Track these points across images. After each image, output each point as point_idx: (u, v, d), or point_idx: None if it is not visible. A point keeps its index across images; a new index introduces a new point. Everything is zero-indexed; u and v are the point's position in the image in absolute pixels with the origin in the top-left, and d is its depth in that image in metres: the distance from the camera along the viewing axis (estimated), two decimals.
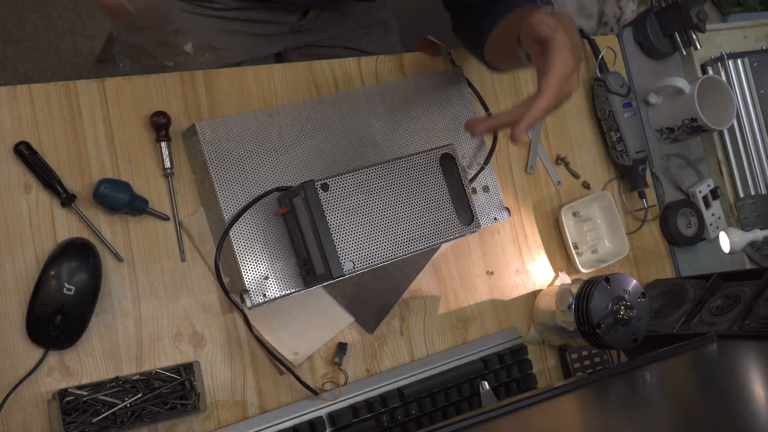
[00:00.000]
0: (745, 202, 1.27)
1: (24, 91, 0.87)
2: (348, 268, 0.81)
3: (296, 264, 0.88)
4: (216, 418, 0.89)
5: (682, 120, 1.19)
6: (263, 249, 0.87)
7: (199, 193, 0.91)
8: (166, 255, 0.89)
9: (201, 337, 0.90)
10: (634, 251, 1.18)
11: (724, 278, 1.09)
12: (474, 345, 1.02)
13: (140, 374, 0.84)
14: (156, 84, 0.92)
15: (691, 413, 0.77)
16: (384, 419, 0.93)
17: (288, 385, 0.93)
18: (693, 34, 1.24)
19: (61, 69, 1.85)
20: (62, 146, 0.87)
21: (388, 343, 0.99)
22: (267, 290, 0.87)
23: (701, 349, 0.94)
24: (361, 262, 0.82)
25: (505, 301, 1.07)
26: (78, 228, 0.86)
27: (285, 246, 0.88)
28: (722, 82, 1.21)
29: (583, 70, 1.20)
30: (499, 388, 1.01)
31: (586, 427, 0.80)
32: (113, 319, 0.86)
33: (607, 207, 1.15)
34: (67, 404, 0.79)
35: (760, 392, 0.77)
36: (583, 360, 1.08)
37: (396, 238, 0.84)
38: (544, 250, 1.11)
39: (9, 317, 0.82)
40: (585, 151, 1.18)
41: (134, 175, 0.89)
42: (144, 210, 0.88)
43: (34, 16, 1.85)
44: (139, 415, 0.82)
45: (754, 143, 1.29)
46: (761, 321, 0.96)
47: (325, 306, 0.96)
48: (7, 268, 0.83)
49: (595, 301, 0.96)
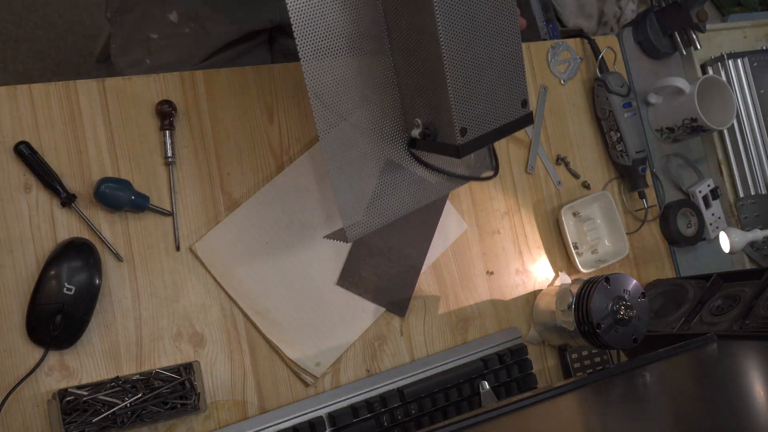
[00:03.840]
0: (745, 202, 1.27)
1: (24, 91, 0.87)
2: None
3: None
4: (216, 418, 0.89)
5: (682, 120, 1.19)
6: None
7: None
8: (167, 254, 0.89)
9: (201, 337, 0.90)
10: (634, 251, 1.18)
11: (724, 278, 1.09)
12: (474, 345, 1.02)
13: (140, 374, 0.84)
14: (156, 84, 0.92)
15: (691, 413, 0.77)
16: (384, 419, 0.93)
17: (288, 385, 0.93)
18: (693, 34, 1.24)
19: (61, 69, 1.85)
20: (62, 146, 0.87)
21: (388, 343, 0.99)
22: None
23: (701, 349, 0.94)
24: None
25: (505, 301, 1.07)
26: (78, 228, 0.86)
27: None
28: (722, 82, 1.21)
29: (583, 70, 1.20)
30: (499, 388, 1.01)
31: (586, 427, 0.80)
32: (113, 319, 0.86)
33: (607, 207, 1.15)
34: (67, 404, 0.79)
35: (760, 392, 0.77)
36: (583, 360, 1.08)
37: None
38: (544, 250, 1.11)
39: (9, 317, 0.82)
40: (585, 151, 1.18)
41: (134, 173, 0.89)
42: (145, 207, 0.88)
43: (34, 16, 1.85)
44: (139, 415, 0.82)
45: (754, 143, 1.29)
46: (761, 321, 0.96)
47: (343, 310, 0.96)
48: (7, 268, 0.83)
49: (595, 301, 0.96)
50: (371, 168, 0.83)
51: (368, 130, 0.81)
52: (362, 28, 0.78)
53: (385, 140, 0.83)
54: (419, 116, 0.79)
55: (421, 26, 0.72)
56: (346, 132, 0.79)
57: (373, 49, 0.79)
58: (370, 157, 0.82)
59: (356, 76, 0.79)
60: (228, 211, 0.93)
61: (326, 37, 0.76)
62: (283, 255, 0.94)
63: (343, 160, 0.80)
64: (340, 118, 0.79)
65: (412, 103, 0.80)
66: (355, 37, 0.78)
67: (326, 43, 0.76)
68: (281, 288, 0.93)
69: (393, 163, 0.84)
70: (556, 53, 1.18)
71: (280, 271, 0.93)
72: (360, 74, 0.80)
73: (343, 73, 0.78)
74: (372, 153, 0.82)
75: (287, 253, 0.94)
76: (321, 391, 0.94)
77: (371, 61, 0.80)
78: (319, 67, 0.76)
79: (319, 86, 0.77)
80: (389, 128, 0.83)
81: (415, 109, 0.80)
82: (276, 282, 0.93)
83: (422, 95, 0.78)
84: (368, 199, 0.84)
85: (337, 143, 0.79)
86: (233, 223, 0.92)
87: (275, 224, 0.94)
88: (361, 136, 0.81)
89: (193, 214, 0.92)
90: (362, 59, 0.79)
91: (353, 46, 0.78)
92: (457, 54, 0.72)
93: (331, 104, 0.78)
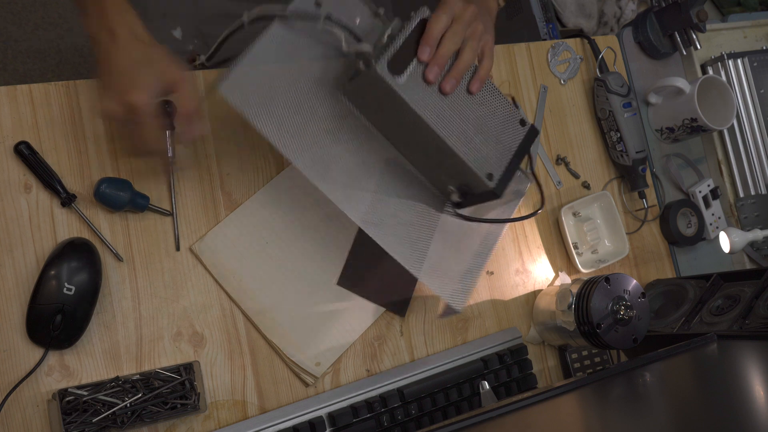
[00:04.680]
0: (745, 202, 1.27)
1: (24, 91, 0.87)
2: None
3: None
4: (216, 418, 0.89)
5: (682, 120, 1.19)
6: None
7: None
8: (167, 254, 0.89)
9: (201, 337, 0.90)
10: (634, 251, 1.18)
11: (724, 278, 1.09)
12: (474, 345, 1.02)
13: (140, 374, 0.84)
14: None
15: (691, 413, 0.77)
16: (384, 419, 0.93)
17: (288, 385, 0.93)
18: (693, 34, 1.24)
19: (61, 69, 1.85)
20: (62, 146, 0.87)
21: (388, 343, 0.99)
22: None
23: (701, 349, 0.94)
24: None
25: (505, 301, 1.07)
26: (78, 228, 0.86)
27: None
28: (722, 82, 1.21)
29: (583, 70, 1.20)
30: (499, 388, 1.01)
31: (586, 427, 0.80)
32: (113, 319, 0.86)
33: (607, 207, 1.15)
34: (67, 404, 0.79)
35: (760, 392, 0.77)
36: (583, 360, 1.08)
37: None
38: (544, 250, 1.11)
39: (9, 317, 0.82)
40: (585, 151, 1.18)
41: (134, 173, 0.89)
42: (145, 207, 0.88)
43: (34, 16, 1.85)
44: (139, 415, 0.82)
45: (754, 143, 1.29)
46: (761, 321, 0.96)
47: (343, 310, 0.96)
48: (7, 268, 0.83)
49: (595, 301, 0.96)
50: (438, 243, 0.91)
51: (416, 223, 0.90)
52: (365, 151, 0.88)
53: (436, 221, 0.93)
54: (449, 184, 0.89)
55: (409, 123, 0.81)
56: (401, 229, 0.89)
57: (389, 156, 0.89)
58: (435, 238, 0.91)
59: (390, 184, 0.89)
60: (228, 211, 0.93)
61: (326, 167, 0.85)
62: (283, 255, 0.94)
63: (418, 253, 0.89)
64: (389, 217, 0.89)
65: (437, 178, 0.90)
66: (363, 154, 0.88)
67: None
68: (281, 288, 0.93)
69: (451, 231, 0.92)
70: (556, 53, 1.18)
71: (280, 271, 0.93)
72: (392, 181, 0.89)
73: (375, 188, 0.88)
74: (430, 233, 0.91)
75: (287, 253, 0.94)
76: (321, 391, 0.94)
77: (392, 169, 0.90)
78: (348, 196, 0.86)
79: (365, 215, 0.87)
80: (431, 216, 0.92)
81: (442, 180, 0.89)
82: (276, 282, 0.93)
83: (441, 168, 0.88)
84: (456, 270, 0.92)
85: (402, 246, 0.88)
86: (233, 223, 0.92)
87: (275, 224, 0.94)
88: (415, 229, 0.90)
89: (193, 214, 0.92)
90: (384, 173, 0.89)
91: (362, 162, 0.88)
92: (450, 129, 0.82)
93: (376, 221, 0.87)
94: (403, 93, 0.79)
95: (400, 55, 0.79)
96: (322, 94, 0.85)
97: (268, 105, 0.81)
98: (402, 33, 0.80)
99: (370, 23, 0.86)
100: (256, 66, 0.81)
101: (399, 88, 0.78)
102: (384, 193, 0.89)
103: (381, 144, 0.89)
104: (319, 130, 0.84)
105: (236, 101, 0.80)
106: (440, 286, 0.90)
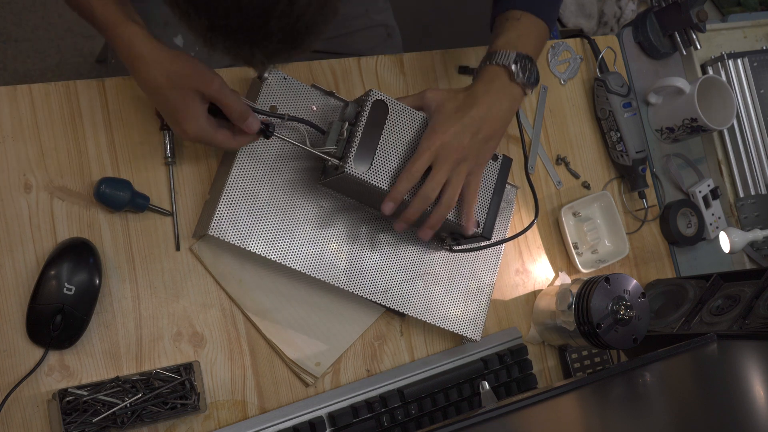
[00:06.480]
0: (745, 202, 1.27)
1: (24, 91, 0.87)
2: None
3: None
4: (216, 418, 0.89)
5: (682, 120, 1.19)
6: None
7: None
8: (167, 254, 0.89)
9: (201, 337, 0.90)
10: (634, 251, 1.18)
11: (724, 278, 1.09)
12: (474, 345, 1.02)
13: (140, 374, 0.84)
14: None
15: (691, 413, 0.77)
16: (384, 419, 0.93)
17: (288, 385, 0.93)
18: (693, 34, 1.24)
19: (61, 69, 1.85)
20: (62, 146, 0.87)
21: (388, 343, 0.99)
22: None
23: (701, 349, 0.94)
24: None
25: (505, 301, 1.07)
26: (78, 228, 0.86)
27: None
28: (722, 82, 1.21)
29: (583, 70, 1.20)
30: (499, 388, 1.01)
31: (586, 427, 0.80)
32: (113, 319, 0.86)
33: (607, 207, 1.15)
34: (67, 404, 0.79)
35: (760, 392, 0.77)
36: (583, 360, 1.08)
37: None
38: (544, 250, 1.11)
39: (9, 317, 0.82)
40: (585, 151, 1.18)
41: (134, 173, 0.89)
42: (145, 207, 0.88)
43: (34, 16, 1.85)
44: (139, 415, 0.82)
45: (754, 143, 1.29)
46: (761, 321, 0.96)
47: (343, 310, 0.96)
48: (7, 268, 0.83)
49: (595, 301, 0.96)
50: (444, 283, 0.99)
51: (422, 273, 0.98)
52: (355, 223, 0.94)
53: (438, 264, 0.99)
54: (441, 232, 0.94)
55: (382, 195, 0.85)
56: (406, 286, 0.96)
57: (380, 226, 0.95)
58: (441, 277, 0.98)
59: (388, 252, 0.96)
60: None
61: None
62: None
63: (430, 302, 0.97)
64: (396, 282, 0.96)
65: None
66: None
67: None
68: (281, 288, 0.93)
69: (456, 268, 0.99)
70: (556, 53, 1.18)
71: (280, 271, 0.93)
72: (389, 248, 0.96)
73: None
74: (436, 278, 0.99)
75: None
76: (321, 391, 0.94)
77: (384, 237, 0.96)
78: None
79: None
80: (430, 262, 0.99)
81: (435, 232, 0.91)
82: (276, 282, 0.93)
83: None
84: (481, 298, 1.01)
85: (418, 301, 0.96)
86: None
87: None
88: (422, 279, 0.97)
89: (193, 214, 0.92)
90: (381, 244, 0.95)
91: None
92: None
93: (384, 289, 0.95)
94: (375, 182, 0.83)
95: (363, 148, 0.83)
96: (300, 191, 0.91)
97: (256, 228, 0.88)
98: (359, 123, 0.83)
99: (324, 102, 0.91)
100: (235, 202, 0.87)
101: (371, 179, 0.83)
102: (385, 262, 0.95)
103: (371, 214, 0.94)
104: (311, 227, 0.91)
105: (231, 238, 0.86)
106: (456, 326, 0.98)
